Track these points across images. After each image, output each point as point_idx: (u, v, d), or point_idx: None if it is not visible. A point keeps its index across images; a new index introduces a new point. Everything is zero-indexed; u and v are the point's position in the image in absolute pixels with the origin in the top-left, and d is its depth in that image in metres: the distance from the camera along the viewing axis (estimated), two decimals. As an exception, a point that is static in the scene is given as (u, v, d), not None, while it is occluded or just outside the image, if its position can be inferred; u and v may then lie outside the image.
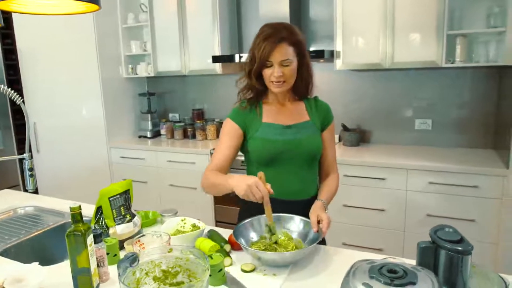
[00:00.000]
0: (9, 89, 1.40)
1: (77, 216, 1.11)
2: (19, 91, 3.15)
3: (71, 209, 1.10)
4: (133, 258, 1.01)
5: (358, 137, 3.08)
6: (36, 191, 3.23)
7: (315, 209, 1.37)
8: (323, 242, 1.57)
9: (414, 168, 2.48)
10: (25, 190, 1.74)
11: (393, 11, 2.62)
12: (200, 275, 1.00)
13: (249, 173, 1.57)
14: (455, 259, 0.98)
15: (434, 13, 2.52)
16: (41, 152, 3.27)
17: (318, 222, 1.31)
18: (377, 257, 1.21)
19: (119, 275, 0.93)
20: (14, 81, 3.16)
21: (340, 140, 3.20)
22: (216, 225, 3.25)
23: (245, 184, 1.21)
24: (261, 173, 1.26)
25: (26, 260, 1.39)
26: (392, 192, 2.56)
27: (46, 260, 1.51)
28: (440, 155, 2.66)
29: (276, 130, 1.48)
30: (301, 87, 1.49)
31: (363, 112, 3.16)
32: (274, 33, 1.36)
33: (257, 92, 1.49)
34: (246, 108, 1.52)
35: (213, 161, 1.50)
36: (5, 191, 2.18)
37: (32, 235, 1.69)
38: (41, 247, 1.69)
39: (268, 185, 1.24)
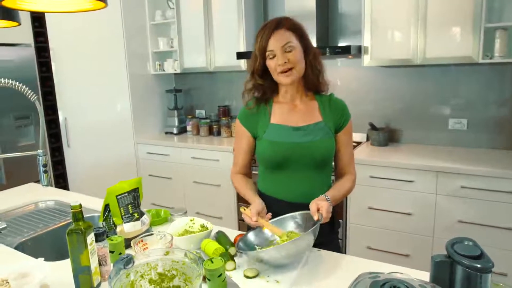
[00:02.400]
0: (24, 86, 1.42)
1: (78, 214, 1.10)
2: (51, 88, 3.26)
3: (71, 207, 1.09)
4: (128, 260, 0.98)
5: (387, 136, 2.94)
6: (66, 185, 3.34)
7: (314, 200, 1.30)
8: (338, 250, 1.49)
9: (445, 170, 2.32)
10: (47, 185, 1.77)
11: (425, 3, 2.46)
12: (193, 280, 0.96)
13: (260, 173, 1.53)
14: (473, 277, 0.88)
15: (471, 5, 2.34)
16: (71, 147, 3.37)
17: (318, 210, 1.25)
18: (390, 269, 1.13)
19: (109, 277, 0.91)
20: (47, 78, 3.27)
21: (367, 139, 3.07)
22: (239, 224, 3.23)
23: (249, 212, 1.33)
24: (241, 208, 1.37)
25: (41, 253, 1.41)
26: (420, 196, 2.42)
27: (62, 254, 1.53)
28: (475, 157, 2.48)
29: (284, 132, 1.41)
30: (311, 78, 1.40)
31: (392, 110, 3.01)
32: (270, 23, 1.33)
33: (264, 90, 1.43)
34: (253, 108, 1.46)
35: (235, 166, 1.56)
36: (30, 184, 2.25)
37: (50, 228, 1.73)
38: (58, 241, 1.72)
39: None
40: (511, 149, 2.62)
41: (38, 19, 3.16)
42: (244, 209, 1.35)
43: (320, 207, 1.24)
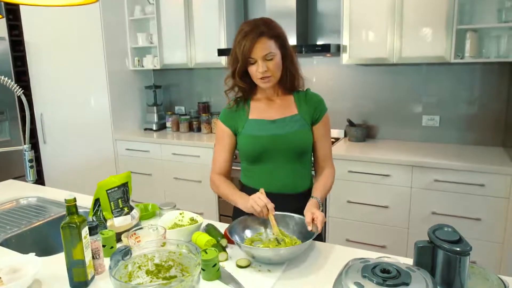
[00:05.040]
0: (10, 80, 1.40)
1: (72, 208, 1.11)
2: (27, 83, 3.17)
3: (66, 201, 1.10)
4: (126, 252, 1.01)
5: (364, 132, 3.04)
6: (42, 182, 3.27)
7: (309, 208, 1.35)
8: (320, 239, 1.55)
9: (419, 165, 2.44)
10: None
11: (402, 5, 2.56)
12: (192, 270, 1.00)
13: (242, 168, 1.58)
14: (453, 260, 0.95)
15: (444, 7, 2.46)
16: (48, 143, 3.30)
17: (313, 220, 1.29)
18: (376, 255, 1.19)
19: (109, 268, 0.93)
20: (22, 73, 3.18)
21: (345, 135, 3.17)
22: (220, 219, 3.26)
23: (249, 199, 1.34)
24: (262, 189, 1.36)
25: (26, 250, 1.40)
26: (396, 189, 2.53)
27: (47, 250, 1.52)
28: (447, 152, 2.61)
29: (261, 126, 1.47)
30: (287, 80, 1.47)
31: (369, 107, 3.12)
32: (253, 29, 1.36)
33: (244, 90, 1.48)
34: (233, 107, 1.52)
35: (215, 166, 1.57)
36: (10, 181, 2.20)
37: (34, 225, 1.70)
38: (42, 238, 1.70)
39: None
40: (480, 145, 2.77)
41: (12, 12, 3.07)
42: (262, 193, 1.35)
43: (315, 217, 1.29)
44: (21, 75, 3.18)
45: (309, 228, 1.28)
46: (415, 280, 0.83)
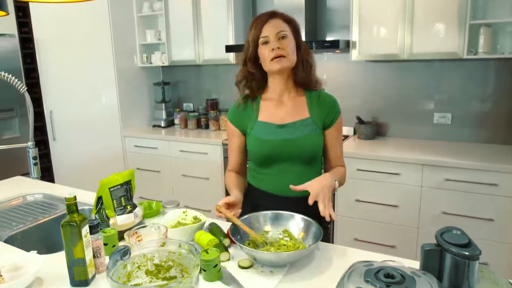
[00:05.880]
0: (13, 77, 1.40)
1: (72, 206, 1.10)
2: (36, 79, 3.19)
3: (66, 199, 1.09)
4: (125, 251, 0.99)
5: (374, 130, 2.99)
6: (52, 179, 3.30)
7: (317, 183, 1.26)
8: (326, 239, 1.52)
9: (430, 163, 2.38)
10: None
11: (413, -1, 2.50)
12: (191, 271, 0.98)
13: (249, 168, 1.56)
14: (461, 264, 0.92)
15: (456, 2, 2.39)
16: (57, 140, 3.32)
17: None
18: (382, 257, 1.16)
19: (107, 268, 0.91)
20: (31, 70, 3.20)
21: (355, 132, 3.12)
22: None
23: None
24: (216, 206, 1.31)
25: (31, 247, 1.40)
26: (406, 188, 2.48)
27: (52, 247, 1.52)
28: (459, 151, 2.55)
29: (269, 130, 1.43)
30: (302, 73, 1.41)
31: (379, 104, 3.06)
32: (265, 13, 1.38)
33: (254, 81, 1.44)
34: (240, 105, 1.49)
35: (229, 163, 1.57)
36: (17, 178, 2.21)
37: (39, 222, 1.71)
38: (47, 235, 1.70)
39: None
40: (492, 143, 2.70)
41: (22, 9, 3.09)
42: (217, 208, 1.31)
43: (319, 202, 1.21)
44: (31, 72, 3.20)
45: (296, 188, 1.27)
46: (420, 286, 0.80)
